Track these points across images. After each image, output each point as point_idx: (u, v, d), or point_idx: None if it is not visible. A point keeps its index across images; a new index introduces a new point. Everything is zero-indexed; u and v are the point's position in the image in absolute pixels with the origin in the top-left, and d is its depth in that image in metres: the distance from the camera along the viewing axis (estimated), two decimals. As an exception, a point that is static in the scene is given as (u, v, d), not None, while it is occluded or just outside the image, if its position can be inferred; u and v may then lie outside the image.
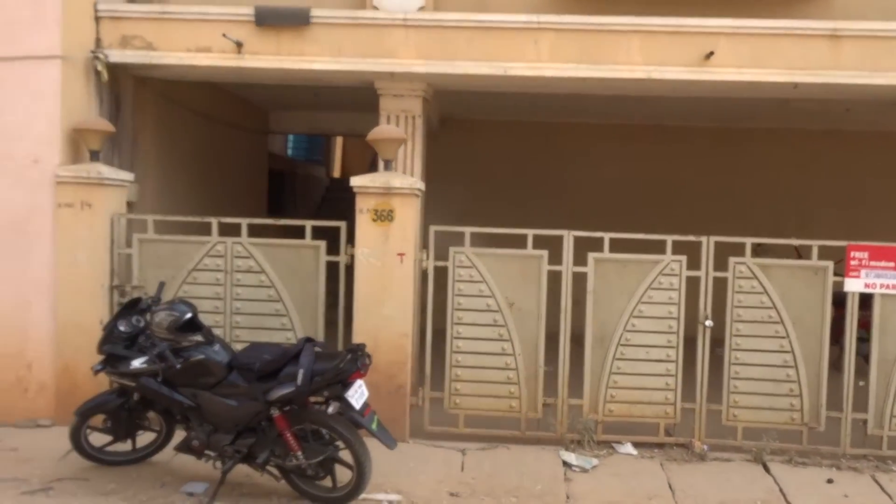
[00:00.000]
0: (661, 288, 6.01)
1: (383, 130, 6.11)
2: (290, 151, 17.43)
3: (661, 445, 6.07)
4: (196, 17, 6.39)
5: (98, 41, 6.41)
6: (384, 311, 5.98)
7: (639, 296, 6.01)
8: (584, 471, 5.59)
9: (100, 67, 6.35)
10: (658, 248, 6.03)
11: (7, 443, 5.78)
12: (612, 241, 6.00)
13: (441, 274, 6.10)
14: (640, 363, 6.04)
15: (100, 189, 6.07)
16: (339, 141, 19.22)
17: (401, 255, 5.95)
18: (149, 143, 7.54)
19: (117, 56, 6.42)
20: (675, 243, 6.01)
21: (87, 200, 6.03)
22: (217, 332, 5.39)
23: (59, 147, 6.08)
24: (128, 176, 6.45)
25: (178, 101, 8.08)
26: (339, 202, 14.92)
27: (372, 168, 14.77)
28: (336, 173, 19.48)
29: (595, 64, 6.36)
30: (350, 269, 6.07)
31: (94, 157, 6.12)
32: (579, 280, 6.08)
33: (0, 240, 6.09)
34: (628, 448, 6.00)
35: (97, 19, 6.39)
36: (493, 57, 6.37)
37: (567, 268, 6.06)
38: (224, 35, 6.28)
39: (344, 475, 4.84)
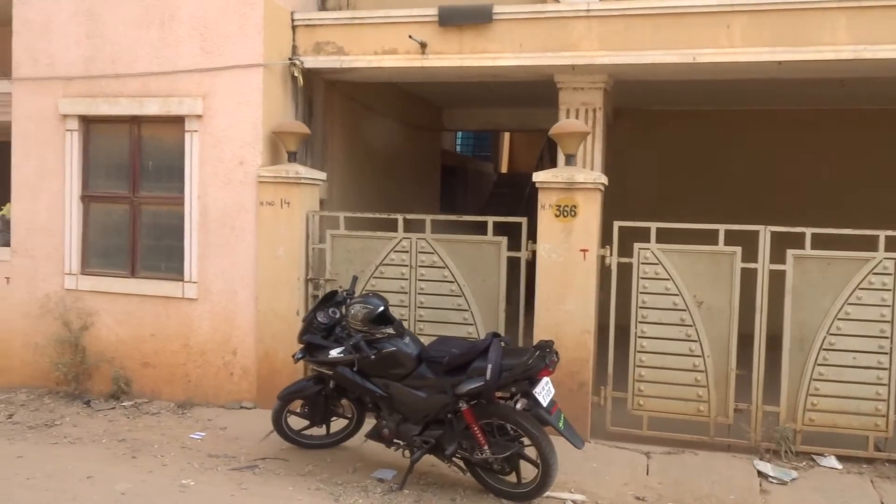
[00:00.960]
0: (872, 288, 5.49)
1: (567, 124, 6.03)
2: (458, 147, 17.74)
3: (870, 461, 5.56)
4: (383, 21, 6.64)
5: (294, 48, 6.83)
6: (566, 308, 5.91)
7: (845, 297, 5.52)
8: (783, 483, 5.22)
9: (296, 73, 6.76)
10: (866, 245, 5.51)
11: (217, 422, 6.32)
12: (812, 237, 5.56)
13: (623, 271, 5.94)
14: (847, 370, 5.55)
15: (297, 188, 6.46)
16: (506, 136, 19.31)
17: (584, 250, 5.86)
18: (336, 144, 7.94)
19: (311, 62, 6.81)
20: (888, 239, 5.47)
21: (286, 198, 6.45)
22: (403, 324, 5.57)
23: (261, 149, 6.54)
24: (321, 175, 6.83)
25: (361, 103, 8.44)
26: (508, 197, 15.00)
27: (540, 163, 14.70)
28: (503, 168, 19.60)
29: (794, 46, 5.91)
30: (531, 265, 6.05)
31: (292, 157, 6.53)
32: (774, 279, 5.69)
33: (213, 236, 6.65)
34: (832, 461, 5.55)
35: (294, 28, 6.82)
36: (681, 44, 6.10)
37: (763, 265, 5.69)
38: (410, 36, 6.47)
39: (528, 471, 4.84)
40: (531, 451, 4.76)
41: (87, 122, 6.98)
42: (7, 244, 7.25)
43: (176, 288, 6.74)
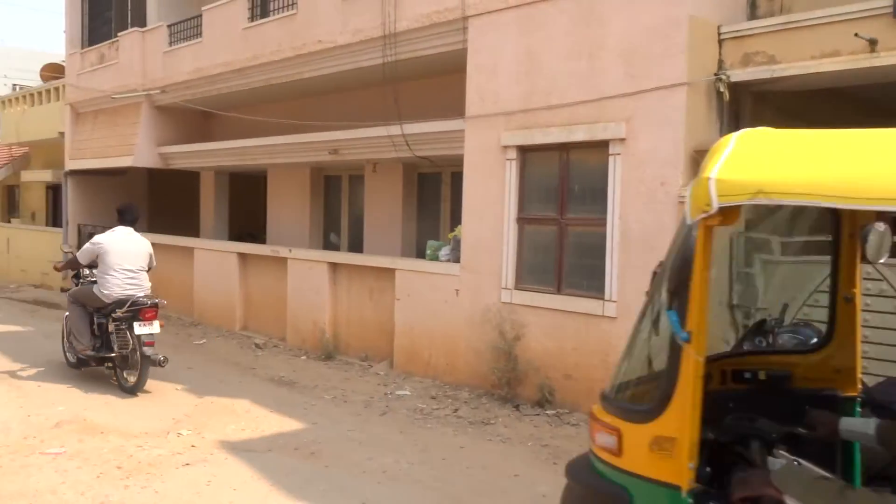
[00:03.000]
0: None
1: None
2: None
3: None
4: (822, 21, 6.02)
5: (720, 63, 6.59)
6: None
7: None
8: None
9: (722, 88, 6.52)
10: None
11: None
12: None
13: None
14: None
15: (719, 207, 6.19)
16: None
17: None
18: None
19: (738, 75, 6.50)
20: None
21: (707, 219, 6.22)
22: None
23: (682, 169, 6.44)
24: (746, 193, 6.44)
25: (793, 113, 7.74)
26: None
27: None
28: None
29: None
30: None
31: (714, 176, 6.28)
32: None
33: (633, 256, 6.77)
34: None
35: (720, 42, 6.58)
36: None
37: None
38: (856, 34, 5.74)
39: None
40: None
41: (524, 151, 7.70)
42: (457, 260, 8.37)
43: (596, 306, 7.00)
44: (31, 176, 19.98)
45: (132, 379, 7.68)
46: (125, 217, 8.23)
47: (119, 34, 14.47)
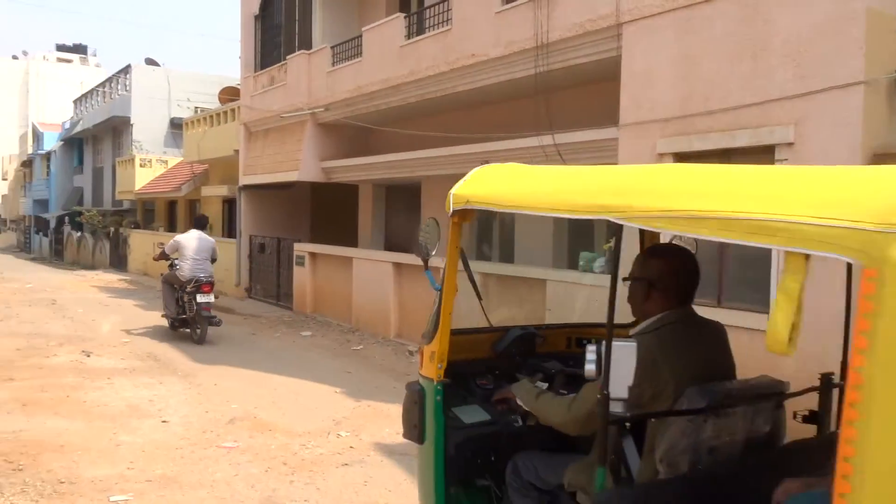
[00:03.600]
0: None
1: None
2: None
3: None
4: None
5: (904, 58, 6.04)
6: None
7: None
8: None
9: (905, 86, 5.97)
10: None
11: None
12: None
13: None
14: None
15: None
16: None
17: None
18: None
19: (925, 70, 5.92)
20: None
21: None
22: None
23: (860, 174, 5.95)
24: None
25: None
26: None
27: None
28: None
29: None
30: None
31: None
32: None
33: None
34: None
35: (903, 35, 6.04)
36: None
37: None
38: None
39: None
40: None
41: (681, 158, 7.42)
42: (610, 271, 8.19)
43: (761, 320, 6.60)
44: (210, 191, 21.79)
45: (198, 332, 11.07)
46: (197, 223, 12.04)
47: (287, 57, 15.48)
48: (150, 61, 34.26)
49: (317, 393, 8.23)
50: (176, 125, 30.13)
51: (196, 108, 28.89)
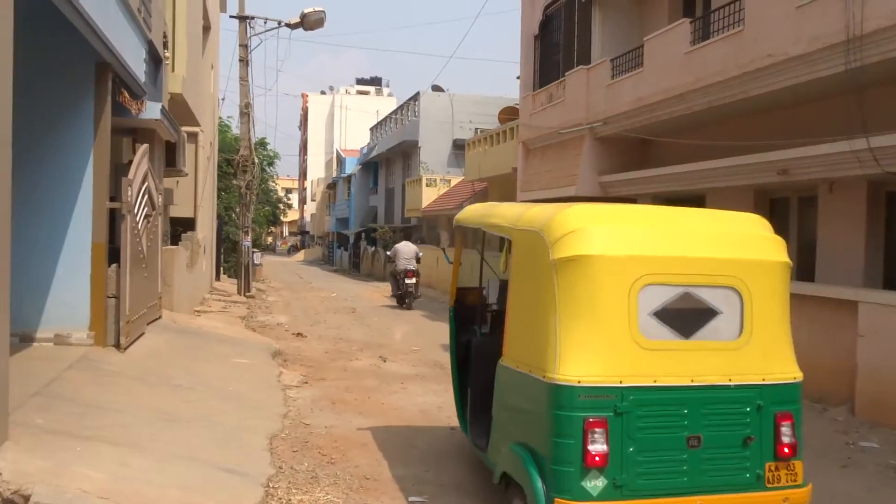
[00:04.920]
0: None
1: None
2: None
3: None
4: None
5: None
6: None
7: None
8: None
9: None
10: None
11: None
12: None
13: None
14: None
15: None
16: None
17: None
18: None
19: None
20: None
21: None
22: None
23: None
24: None
25: None
26: None
27: None
28: None
29: None
30: None
31: None
32: None
33: None
34: None
35: None
36: None
37: None
38: None
39: None
40: None
41: None
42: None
43: None
44: (489, 207, 22.66)
45: (406, 301, 18.73)
46: (406, 236, 23.80)
47: (566, 73, 15.60)
48: (435, 88, 36.73)
49: None
50: (458, 146, 31.96)
51: (476, 128, 30.38)
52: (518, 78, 18.88)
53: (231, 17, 21.51)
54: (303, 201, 77.34)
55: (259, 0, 60.58)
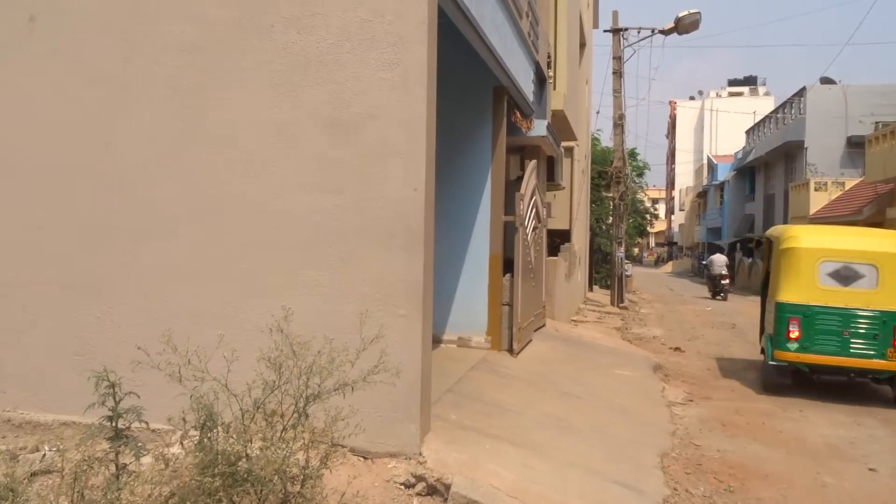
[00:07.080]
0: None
1: None
2: None
3: None
4: None
5: None
6: None
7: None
8: None
9: None
10: None
11: None
12: None
13: None
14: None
15: None
16: None
17: None
18: None
19: None
20: None
21: None
22: None
23: None
24: None
25: None
26: None
27: None
28: None
29: None
30: None
31: None
32: None
33: None
34: None
35: None
36: None
37: None
38: None
39: None
40: None
41: None
42: None
43: None
44: (897, 213, 19.55)
45: (720, 296, 26.32)
46: (720, 249, 33.17)
47: None
48: (825, 80, 32.99)
49: None
50: (853, 144, 28.29)
51: (877, 122, 26.49)
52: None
53: (605, 31, 21.88)
54: (670, 211, 75.54)
55: (627, 12, 60.80)
